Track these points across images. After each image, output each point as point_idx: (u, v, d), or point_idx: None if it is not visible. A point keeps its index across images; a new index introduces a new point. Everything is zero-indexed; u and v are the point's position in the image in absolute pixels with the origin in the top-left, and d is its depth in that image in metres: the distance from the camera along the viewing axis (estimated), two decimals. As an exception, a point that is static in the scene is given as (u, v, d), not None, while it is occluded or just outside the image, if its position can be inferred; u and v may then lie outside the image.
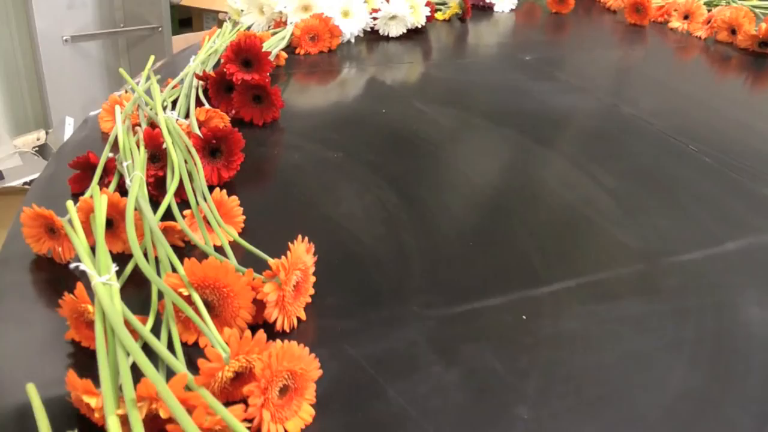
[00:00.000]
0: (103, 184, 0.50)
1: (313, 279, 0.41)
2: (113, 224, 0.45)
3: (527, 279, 0.45)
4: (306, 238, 0.40)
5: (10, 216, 0.55)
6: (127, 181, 0.48)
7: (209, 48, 0.79)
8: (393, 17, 1.01)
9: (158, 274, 0.39)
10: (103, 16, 2.02)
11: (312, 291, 0.41)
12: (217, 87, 0.66)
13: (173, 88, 0.67)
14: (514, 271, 0.46)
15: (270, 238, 0.48)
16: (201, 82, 0.67)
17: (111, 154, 0.53)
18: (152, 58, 0.73)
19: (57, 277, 0.43)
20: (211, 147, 0.52)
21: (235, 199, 0.48)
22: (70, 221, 0.43)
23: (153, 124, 0.59)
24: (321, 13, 0.92)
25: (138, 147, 0.52)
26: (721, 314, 0.43)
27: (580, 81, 0.90)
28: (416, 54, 1.00)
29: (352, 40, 0.98)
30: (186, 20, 2.78)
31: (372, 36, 1.03)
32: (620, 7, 1.35)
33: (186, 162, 0.51)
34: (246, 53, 0.66)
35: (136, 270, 0.39)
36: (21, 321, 0.40)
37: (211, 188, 0.49)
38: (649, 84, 0.94)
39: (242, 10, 0.97)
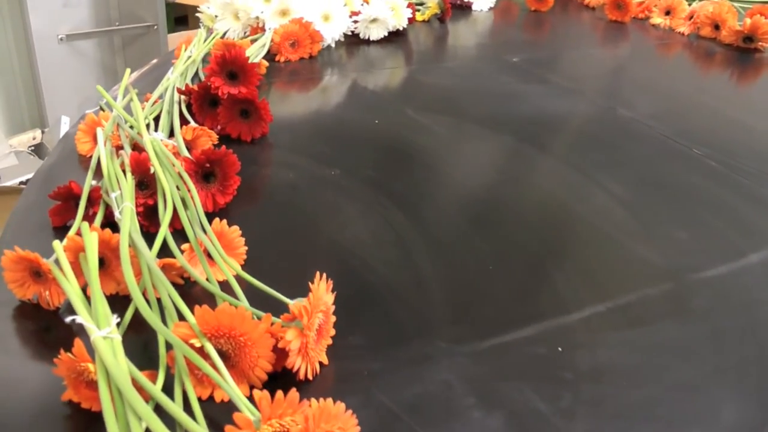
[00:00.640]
0: (87, 216, 0.46)
1: (333, 319, 0.38)
2: (104, 263, 0.41)
3: (555, 305, 0.43)
4: (324, 276, 0.37)
5: (5, 216, 0.52)
6: (116, 214, 0.44)
7: (186, 58, 0.76)
8: (374, 20, 0.98)
9: (162, 319, 0.36)
10: (98, 15, 2.03)
11: (333, 332, 0.38)
12: (201, 102, 0.63)
13: (153, 103, 0.63)
14: (540, 296, 0.44)
15: (274, 270, 0.45)
16: (183, 97, 0.63)
17: (94, 182, 0.49)
18: (128, 71, 0.69)
19: (45, 326, 0.39)
20: (205, 171, 0.49)
21: (236, 230, 0.45)
22: (56, 262, 0.39)
23: (136, 146, 0.55)
24: (300, 18, 0.89)
25: (124, 173, 0.49)
26: (758, 336, 0.42)
27: (572, 83, 0.88)
28: (399, 58, 0.98)
29: (333, 45, 0.95)
30: (182, 18, 2.72)
31: (352, 39, 1.00)
32: (599, 4, 1.35)
33: (178, 188, 0.48)
34: (231, 65, 0.62)
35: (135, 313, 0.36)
36: (8, 380, 0.36)
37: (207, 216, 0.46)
38: (640, 84, 0.93)
39: (216, 16, 0.93)
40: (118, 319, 0.34)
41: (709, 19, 1.13)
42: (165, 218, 0.44)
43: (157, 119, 0.62)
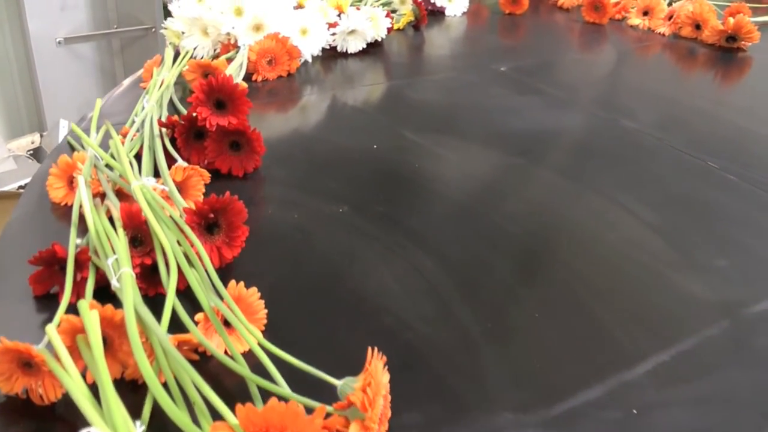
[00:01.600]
0: (75, 283, 0.41)
1: (389, 398, 0.33)
2: (106, 341, 0.36)
3: (616, 356, 0.40)
4: (377, 352, 0.32)
5: (4, 220, 0.51)
6: (113, 282, 0.39)
7: (159, 83, 0.70)
8: (352, 32, 0.94)
9: (193, 417, 0.31)
10: (97, 17, 2.04)
11: (389, 413, 0.33)
12: (187, 134, 0.57)
13: (133, 138, 0.58)
14: (598, 348, 0.41)
15: (297, 334, 0.41)
16: (165, 130, 0.58)
17: (79, 240, 0.44)
18: (99, 101, 0.63)
19: (40, 428, 0.33)
20: (208, 222, 0.44)
21: (254, 292, 0.40)
22: (48, 347, 0.34)
23: (121, 192, 0.50)
24: (276, 34, 0.83)
25: (114, 228, 0.43)
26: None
27: (566, 92, 0.85)
28: (381, 72, 0.93)
29: (310, 60, 0.90)
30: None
31: (328, 53, 0.95)
32: (573, 5, 1.33)
33: (179, 243, 0.42)
34: (218, 93, 0.57)
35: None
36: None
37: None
38: (634, 90, 0.91)
39: (183, 33, 0.87)
40: (142, 428, 0.29)
41: (689, 18, 1.12)
42: (170, 285, 0.39)
43: (137, 157, 0.56)
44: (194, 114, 0.56)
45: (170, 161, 0.55)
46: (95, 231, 0.42)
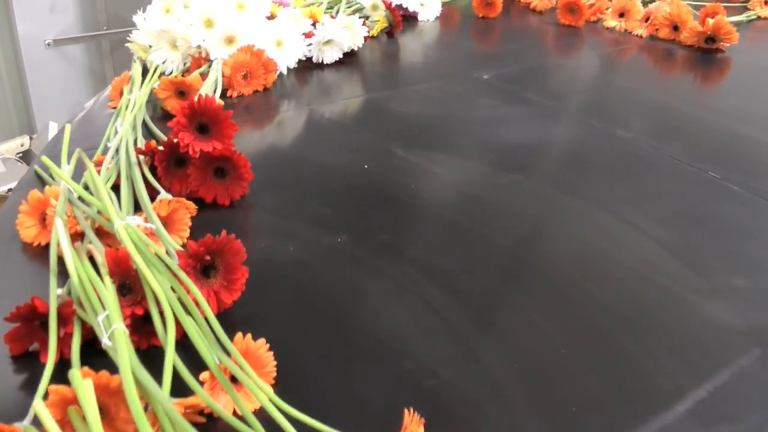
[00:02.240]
0: (59, 339, 0.37)
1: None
2: (102, 411, 0.32)
3: (653, 394, 0.38)
4: (415, 414, 0.29)
5: None
6: (104, 340, 0.35)
7: (131, 103, 0.66)
8: (327, 42, 0.91)
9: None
10: (86, 19, 2.04)
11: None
12: (167, 162, 0.54)
13: (108, 166, 0.54)
14: (632, 384, 0.39)
15: (311, 387, 0.37)
16: (144, 157, 0.54)
17: (60, 291, 0.40)
18: (68, 127, 0.59)
19: None
20: (203, 264, 0.40)
21: (262, 344, 0.36)
22: (35, 421, 0.30)
23: (100, 230, 0.46)
24: (251, 46, 0.80)
25: (98, 273, 0.39)
26: None
27: (554, 101, 0.84)
28: (359, 83, 0.91)
29: (285, 73, 0.87)
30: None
31: (303, 64, 0.91)
32: (547, 8, 1.32)
33: (173, 289, 0.39)
34: (201, 116, 0.53)
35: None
36: None
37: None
38: (622, 96, 0.90)
39: (150, 46, 0.82)
40: None
41: (667, 20, 1.12)
42: (169, 341, 0.35)
43: (114, 188, 0.52)
44: (175, 140, 0.53)
45: (150, 191, 0.51)
46: (79, 280, 0.39)
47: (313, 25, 0.91)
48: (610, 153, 0.69)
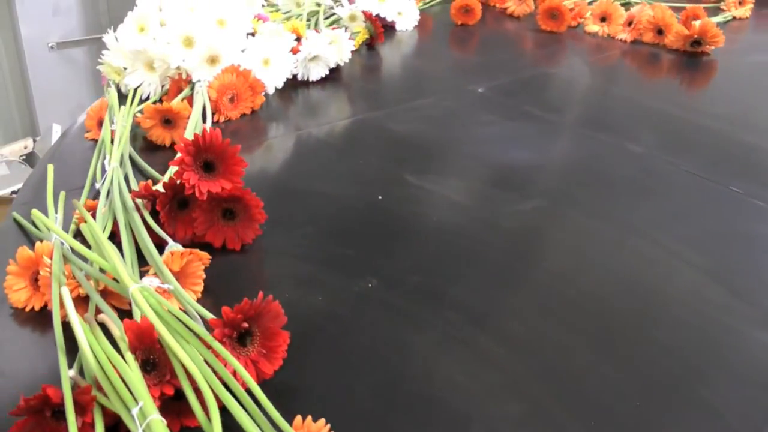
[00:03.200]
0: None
1: None
2: None
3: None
4: None
5: None
6: (140, 433, 0.30)
7: (116, 137, 0.60)
8: (313, 58, 0.86)
9: None
10: (89, 22, 2.06)
11: None
12: (170, 205, 0.49)
13: (102, 212, 0.49)
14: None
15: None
16: (143, 201, 0.49)
17: (72, 372, 0.35)
18: (51, 167, 0.54)
19: None
20: (239, 331, 0.36)
21: (322, 425, 0.32)
22: None
23: (108, 291, 0.41)
24: (236, 66, 0.75)
25: (117, 348, 0.35)
26: None
27: (555, 114, 0.82)
28: (350, 102, 0.87)
29: (270, 93, 0.82)
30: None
31: (286, 82, 0.87)
32: (525, 14, 1.31)
33: (207, 362, 0.35)
34: (207, 153, 0.49)
35: None
36: None
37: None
38: (621, 105, 0.89)
39: (125, 68, 0.77)
40: None
41: (651, 24, 1.11)
42: (214, 425, 0.31)
43: (112, 237, 0.47)
44: (179, 181, 0.48)
45: (156, 242, 0.46)
46: (95, 361, 0.34)
47: (297, 40, 0.87)
48: (628, 170, 0.67)
